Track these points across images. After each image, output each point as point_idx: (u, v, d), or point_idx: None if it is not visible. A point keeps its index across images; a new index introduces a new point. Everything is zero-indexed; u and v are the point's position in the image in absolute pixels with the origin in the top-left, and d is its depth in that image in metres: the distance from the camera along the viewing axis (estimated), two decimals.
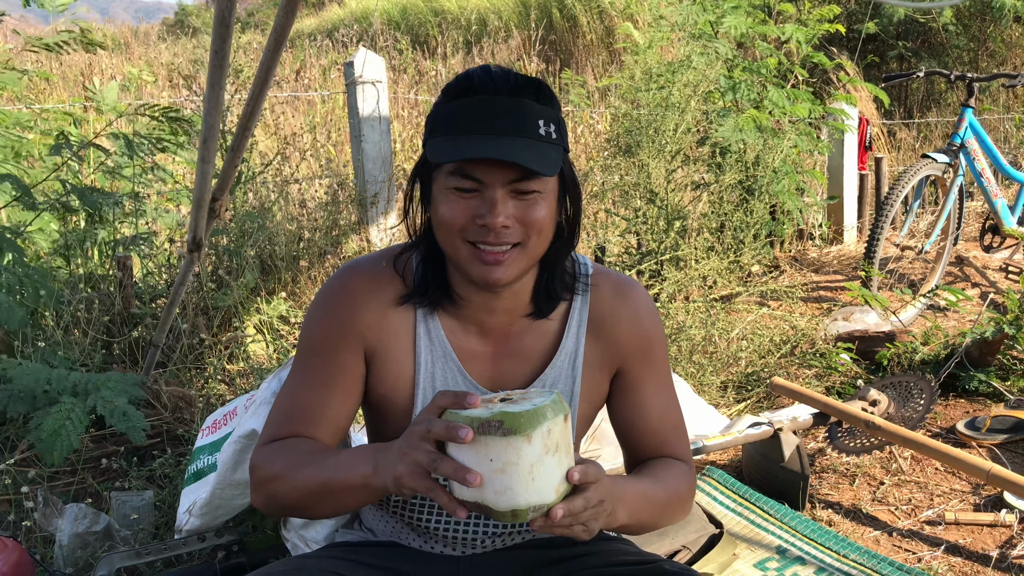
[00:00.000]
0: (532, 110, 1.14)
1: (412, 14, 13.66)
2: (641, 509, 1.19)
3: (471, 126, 1.13)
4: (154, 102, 4.31)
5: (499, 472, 0.96)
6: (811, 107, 4.50)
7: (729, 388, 3.02)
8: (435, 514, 1.30)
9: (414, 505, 1.30)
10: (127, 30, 15.10)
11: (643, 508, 1.19)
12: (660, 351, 1.34)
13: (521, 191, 1.14)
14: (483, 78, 1.15)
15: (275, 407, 1.28)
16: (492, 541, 1.32)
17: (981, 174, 3.99)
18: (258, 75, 1.87)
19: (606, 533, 1.38)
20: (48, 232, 3.30)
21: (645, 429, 1.32)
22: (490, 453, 0.96)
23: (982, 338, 2.92)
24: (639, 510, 1.18)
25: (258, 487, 1.23)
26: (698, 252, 3.94)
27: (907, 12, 8.40)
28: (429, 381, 1.27)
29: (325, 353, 1.25)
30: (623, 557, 1.28)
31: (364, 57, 3.72)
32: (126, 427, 2.31)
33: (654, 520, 1.24)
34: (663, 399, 1.34)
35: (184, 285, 2.62)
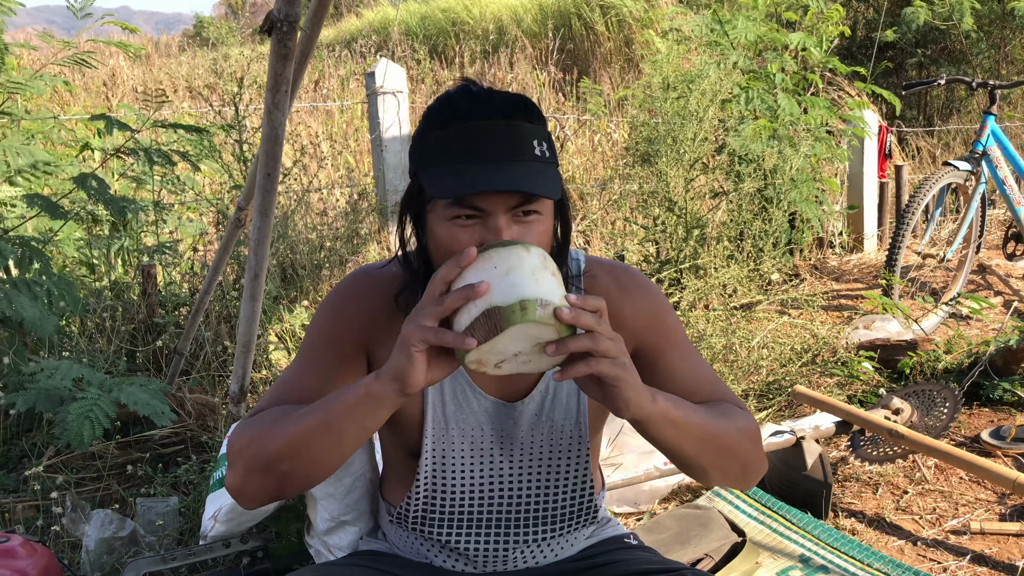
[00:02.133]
0: (526, 131, 1.12)
1: (430, 24, 13.74)
2: (688, 410, 1.12)
3: (468, 155, 1.10)
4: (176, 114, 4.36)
5: (504, 275, 0.99)
6: (826, 115, 4.48)
7: (750, 397, 3.01)
8: (456, 527, 1.30)
9: (435, 519, 1.30)
10: (148, 41, 15.27)
11: (690, 411, 1.12)
12: (671, 319, 1.30)
13: (523, 212, 1.12)
14: (470, 102, 1.13)
15: (270, 390, 1.26)
16: (514, 554, 1.31)
17: (1004, 182, 3.96)
18: (296, 61, 1.89)
19: (628, 542, 1.38)
20: (72, 241, 3.34)
21: (684, 394, 1.20)
22: (493, 262, 1.01)
23: (1006, 347, 2.90)
24: (685, 408, 1.12)
25: (234, 460, 1.15)
26: (717, 260, 3.93)
27: (927, 19, 8.36)
28: (438, 394, 1.26)
29: (328, 342, 1.25)
30: (646, 566, 1.28)
31: (385, 67, 3.75)
32: (149, 411, 2.33)
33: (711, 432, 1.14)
34: (689, 361, 1.29)
35: (208, 294, 2.64)
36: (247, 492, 1.17)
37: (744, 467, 1.21)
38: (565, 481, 1.30)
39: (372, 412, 1.07)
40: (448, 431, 1.28)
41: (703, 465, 1.17)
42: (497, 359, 1.02)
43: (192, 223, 3.60)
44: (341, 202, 4.24)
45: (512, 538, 1.30)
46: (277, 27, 1.69)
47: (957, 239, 3.90)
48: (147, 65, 11.82)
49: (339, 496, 1.72)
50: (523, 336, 0.99)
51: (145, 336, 3.19)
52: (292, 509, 2.05)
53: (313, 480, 1.15)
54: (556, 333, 0.98)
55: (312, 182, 4.14)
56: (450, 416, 1.27)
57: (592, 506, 1.34)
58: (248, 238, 2.02)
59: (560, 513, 1.31)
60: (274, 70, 1.77)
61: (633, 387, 1.02)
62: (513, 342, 1.00)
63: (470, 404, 1.27)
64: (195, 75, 10.41)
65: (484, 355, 1.00)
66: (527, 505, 1.30)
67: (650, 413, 1.06)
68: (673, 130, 3.97)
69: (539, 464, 1.29)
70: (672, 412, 1.09)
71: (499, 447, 1.29)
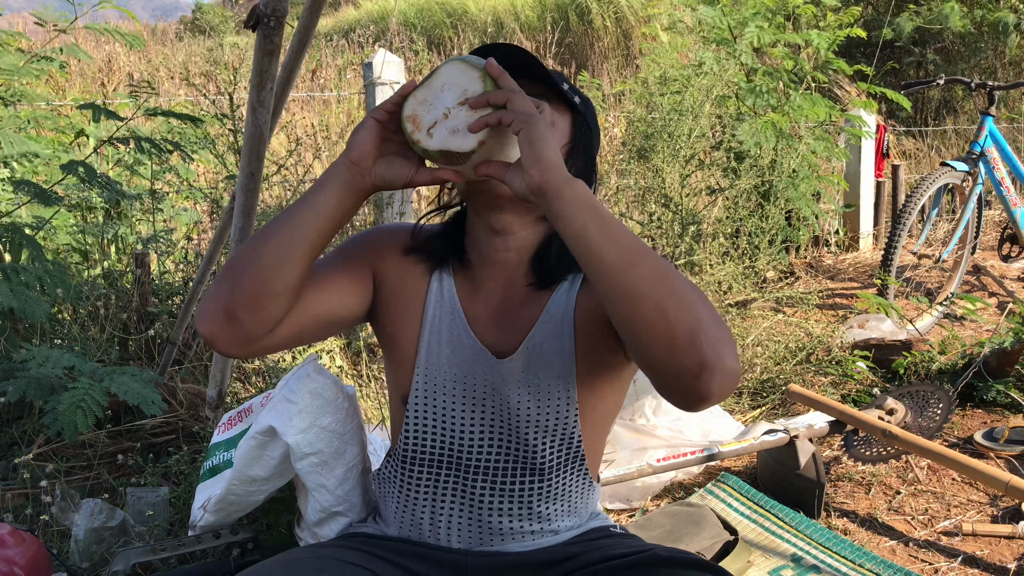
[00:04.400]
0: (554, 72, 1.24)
1: (428, 15, 13.69)
2: (611, 221, 1.02)
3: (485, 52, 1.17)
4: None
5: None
6: (830, 112, 4.48)
7: (744, 394, 3.01)
8: (442, 472, 1.31)
9: (424, 459, 1.32)
10: (144, 28, 15.18)
11: (615, 224, 1.02)
12: None
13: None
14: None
15: None
16: (499, 508, 1.29)
17: (1000, 183, 3.96)
18: (280, 76, 1.87)
19: (613, 531, 1.37)
20: (66, 228, 3.32)
21: None
22: None
23: (1001, 348, 2.90)
24: (608, 218, 1.02)
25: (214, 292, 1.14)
26: (713, 257, 3.93)
27: (925, 19, 8.37)
28: (435, 334, 1.30)
29: (342, 252, 1.31)
30: (622, 549, 1.27)
31: (383, 58, 3.73)
32: (139, 401, 2.32)
33: (643, 250, 1.00)
34: None
35: (203, 283, 2.63)
36: (202, 314, 1.13)
37: (695, 324, 0.96)
38: (553, 435, 1.28)
39: (324, 186, 1.12)
40: (441, 372, 1.30)
41: (634, 286, 0.98)
42: (430, 117, 1.08)
43: (186, 212, 3.57)
44: None
45: (498, 487, 1.29)
46: (263, 22, 1.63)
47: (953, 240, 3.90)
48: (143, 52, 11.76)
49: (331, 487, 1.71)
50: (454, 83, 1.07)
51: (138, 325, 3.17)
52: (283, 501, 2.04)
53: (258, 287, 1.11)
54: (482, 88, 1.06)
55: (307, 173, 4.11)
56: (444, 358, 1.30)
57: (580, 461, 1.32)
58: None
59: (548, 465, 1.29)
60: (259, 66, 1.71)
61: (543, 143, 1.02)
62: (446, 89, 1.08)
63: (464, 349, 1.29)
64: (191, 62, 10.35)
65: (419, 107, 1.08)
66: (513, 454, 1.29)
67: (561, 183, 1.02)
68: (669, 125, 3.97)
69: (526, 418, 1.28)
70: (592, 200, 1.03)
71: (490, 397, 1.29)
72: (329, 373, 1.75)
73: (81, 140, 3.76)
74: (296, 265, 1.12)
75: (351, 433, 1.74)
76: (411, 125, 1.09)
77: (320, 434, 1.70)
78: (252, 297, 1.11)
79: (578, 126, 1.28)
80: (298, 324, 1.20)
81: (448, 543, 1.32)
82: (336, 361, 3.01)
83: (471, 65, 1.08)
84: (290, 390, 1.73)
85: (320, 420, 1.69)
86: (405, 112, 1.09)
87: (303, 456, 1.69)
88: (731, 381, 0.97)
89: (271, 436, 1.75)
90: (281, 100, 1.91)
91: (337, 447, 1.71)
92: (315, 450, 1.70)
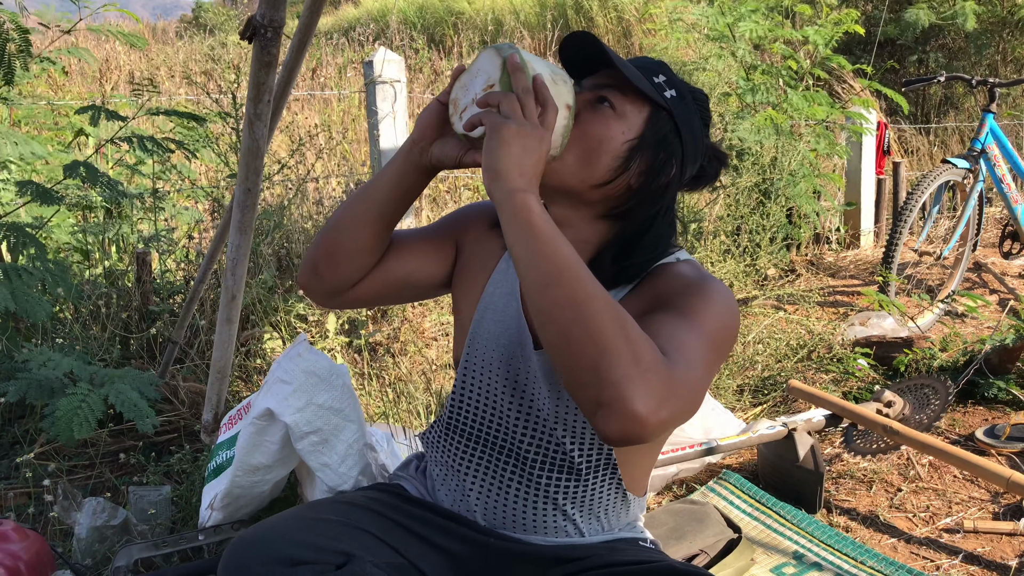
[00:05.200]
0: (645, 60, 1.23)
1: (428, 13, 13.68)
2: (561, 245, 0.99)
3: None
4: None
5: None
6: (829, 110, 4.48)
7: (745, 392, 3.01)
8: (477, 445, 1.29)
9: (463, 425, 1.31)
10: (145, 27, 15.18)
11: (563, 247, 0.99)
12: (697, 300, 1.13)
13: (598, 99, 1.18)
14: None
15: None
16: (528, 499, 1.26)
17: (1002, 180, 3.96)
18: (281, 75, 1.87)
19: (642, 544, 1.32)
20: (66, 227, 3.32)
21: None
22: None
23: (1002, 345, 2.90)
24: (559, 240, 1.00)
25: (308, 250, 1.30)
26: (714, 255, 3.93)
27: (929, 20, 8.37)
28: (489, 310, 1.30)
29: (432, 225, 1.39)
30: (638, 556, 1.26)
31: (383, 56, 3.73)
32: (134, 415, 2.33)
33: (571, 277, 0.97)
34: (671, 323, 1.08)
35: (203, 283, 2.63)
36: (301, 267, 1.31)
37: (598, 359, 0.92)
38: (582, 438, 1.23)
39: (392, 162, 1.22)
40: (489, 348, 1.29)
41: (546, 310, 0.97)
42: (464, 101, 1.12)
43: (187, 211, 3.58)
44: (338, 192, 4.22)
45: (526, 477, 1.25)
46: (260, 33, 1.60)
47: (954, 237, 3.90)
48: (144, 51, 11.76)
49: (334, 465, 1.72)
50: (484, 71, 1.11)
51: (140, 324, 3.17)
52: (286, 501, 2.04)
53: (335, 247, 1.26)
54: (499, 78, 1.09)
55: (309, 172, 4.12)
56: (491, 335, 1.29)
57: (612, 469, 1.26)
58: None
59: (579, 467, 1.24)
60: (256, 78, 1.67)
61: (500, 151, 1.03)
62: (479, 75, 1.11)
63: (510, 331, 1.26)
64: (192, 61, 10.35)
65: (459, 90, 1.13)
66: (544, 448, 1.24)
67: (503, 195, 1.02)
68: None
69: (554, 415, 1.23)
70: (532, 217, 1.00)
71: (531, 386, 1.24)
72: (320, 352, 1.75)
73: (81, 139, 3.76)
74: (365, 229, 1.24)
75: (348, 410, 1.74)
76: (452, 107, 1.15)
77: (318, 412, 1.70)
78: (329, 254, 1.26)
79: (657, 122, 1.19)
80: (378, 283, 1.31)
81: (474, 518, 1.30)
82: (338, 360, 3.01)
83: (500, 54, 1.10)
84: (284, 371, 1.73)
85: (316, 398, 1.69)
86: (451, 95, 1.15)
87: (303, 436, 1.69)
88: (633, 426, 0.92)
89: (269, 419, 1.75)
90: (282, 100, 1.91)
91: (336, 424, 1.72)
92: (314, 428, 1.70)
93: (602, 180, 1.17)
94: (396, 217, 1.25)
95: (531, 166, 1.04)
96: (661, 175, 1.20)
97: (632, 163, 1.17)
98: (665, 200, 1.23)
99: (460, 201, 5.02)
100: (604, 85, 1.19)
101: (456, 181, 5.21)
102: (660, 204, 1.22)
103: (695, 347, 1.05)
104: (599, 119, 1.16)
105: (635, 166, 1.18)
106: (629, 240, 1.22)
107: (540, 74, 1.10)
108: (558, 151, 1.13)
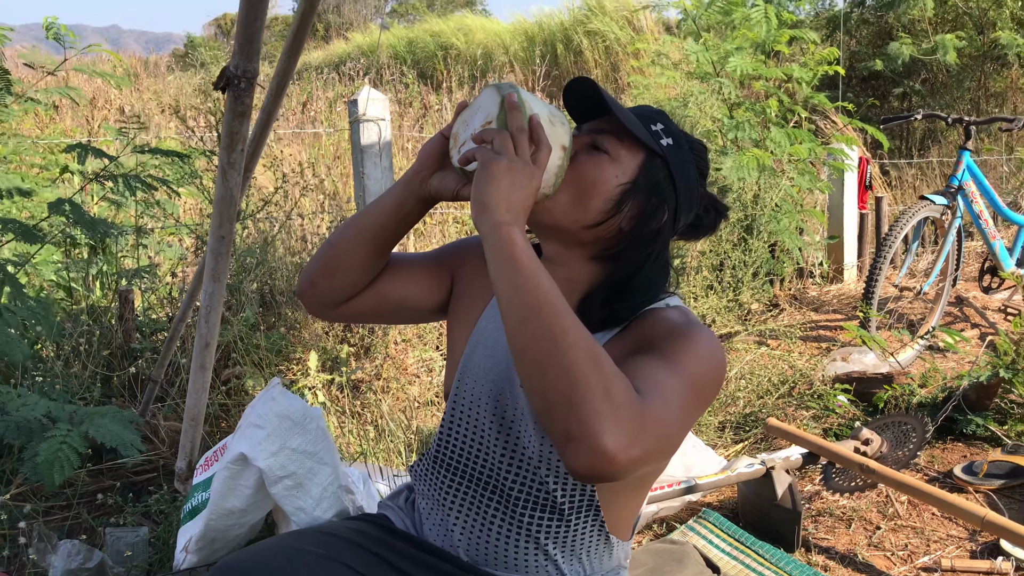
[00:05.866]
0: (644, 109, 1.25)
1: (419, 48, 13.83)
2: (543, 279, 1.01)
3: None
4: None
5: None
6: (812, 147, 4.54)
7: (727, 428, 3.02)
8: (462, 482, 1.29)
9: (449, 463, 1.31)
10: (137, 61, 15.28)
11: (544, 280, 1.01)
12: (681, 343, 1.13)
13: (595, 144, 1.20)
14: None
15: None
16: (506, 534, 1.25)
17: (979, 216, 4.01)
18: (259, 119, 1.89)
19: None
20: (51, 264, 3.33)
21: None
22: None
23: (978, 382, 2.92)
24: (540, 273, 1.01)
25: (308, 262, 1.34)
26: (697, 290, 3.95)
27: (912, 54, 8.52)
28: (480, 344, 1.31)
29: (432, 251, 1.42)
30: None
31: (367, 95, 3.76)
32: (118, 443, 2.31)
33: (549, 311, 0.98)
34: (651, 366, 1.08)
35: (184, 321, 2.63)
36: (299, 278, 1.36)
37: (570, 393, 0.94)
38: (565, 478, 1.22)
39: (392, 189, 1.25)
40: (478, 382, 1.29)
41: (523, 342, 0.99)
42: (464, 136, 1.15)
43: (171, 247, 3.59)
44: (323, 228, 4.24)
45: (509, 515, 1.25)
46: (234, 84, 1.62)
47: (934, 272, 3.94)
48: (135, 84, 11.82)
49: (309, 509, 1.72)
50: (484, 107, 1.14)
51: (122, 361, 3.17)
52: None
53: (332, 262, 1.30)
54: (496, 115, 1.11)
55: (294, 207, 4.14)
56: (480, 369, 1.29)
57: (595, 511, 1.25)
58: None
59: (561, 507, 1.24)
60: (230, 128, 1.68)
61: (489, 185, 1.05)
62: (479, 112, 1.14)
63: (499, 366, 1.26)
64: (182, 95, 10.41)
65: (460, 125, 1.17)
66: (528, 487, 1.24)
67: (488, 227, 1.05)
68: None
69: (539, 453, 1.22)
70: (514, 251, 1.02)
71: (519, 423, 1.24)
72: (294, 396, 1.76)
73: (66, 176, 3.78)
74: (361, 249, 1.28)
75: (323, 452, 1.74)
76: (452, 141, 1.18)
77: (291, 456, 1.70)
78: (326, 269, 1.31)
79: (651, 168, 1.21)
80: (371, 301, 1.35)
81: (458, 554, 1.29)
82: (319, 397, 3.01)
83: (500, 93, 1.13)
84: (257, 415, 1.73)
85: (290, 442, 1.69)
86: (453, 129, 1.19)
87: (277, 480, 1.70)
88: (602, 462, 0.92)
89: (243, 464, 1.75)
90: (259, 146, 1.93)
91: (310, 468, 1.72)
92: (288, 472, 1.70)
93: (594, 221, 1.19)
94: (393, 241, 1.29)
95: (519, 201, 1.07)
96: (653, 220, 1.21)
97: (624, 206, 1.19)
98: (656, 245, 1.24)
99: (448, 235, 5.05)
100: (601, 130, 1.22)
101: (447, 215, 5.24)
102: (651, 248, 1.23)
103: (672, 388, 1.05)
104: (594, 161, 1.19)
105: (627, 209, 1.19)
106: (619, 283, 1.23)
107: (537, 114, 1.13)
108: (551, 190, 1.16)
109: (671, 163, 1.22)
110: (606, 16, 11.26)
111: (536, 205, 1.15)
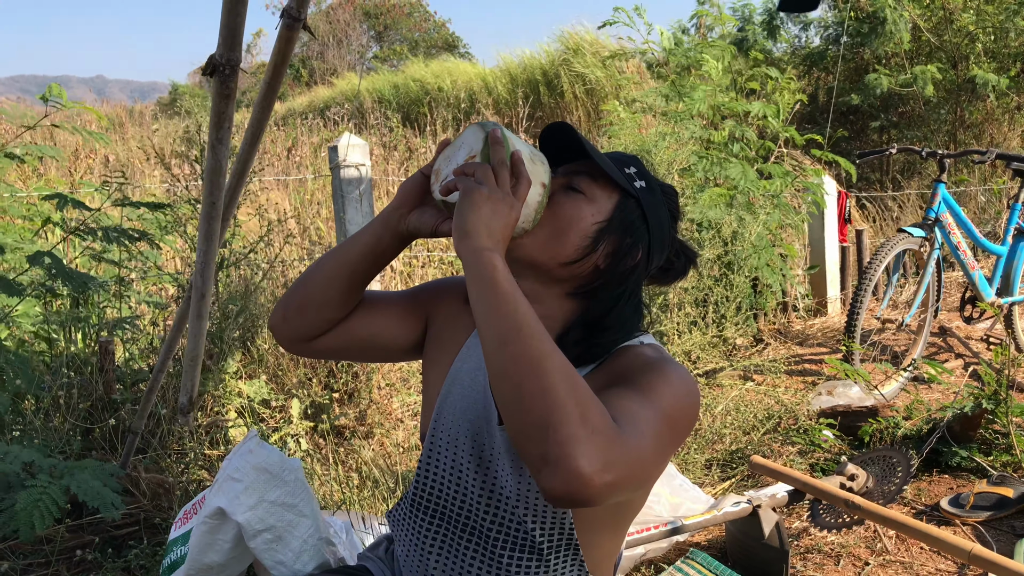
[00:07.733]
0: (619, 155, 1.28)
1: (403, 92, 13.96)
2: (520, 304, 1.02)
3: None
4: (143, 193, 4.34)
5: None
6: (782, 181, 4.58)
7: (714, 466, 3.00)
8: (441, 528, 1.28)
9: (428, 506, 1.31)
10: (122, 110, 15.37)
11: (522, 306, 1.02)
12: (655, 377, 1.14)
13: (571, 187, 1.23)
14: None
15: None
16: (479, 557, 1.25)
17: (957, 247, 4.05)
18: (235, 168, 1.92)
19: None
20: (32, 316, 3.31)
21: None
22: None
23: (962, 413, 2.93)
24: (519, 298, 1.03)
25: (282, 296, 1.34)
26: (680, 327, 3.96)
27: (889, 85, 8.66)
28: (456, 384, 1.30)
29: (407, 290, 1.43)
30: None
31: (347, 141, 3.79)
32: (99, 503, 2.28)
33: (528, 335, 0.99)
34: (627, 397, 1.08)
35: (163, 372, 2.62)
36: (272, 312, 1.36)
37: (548, 416, 0.94)
38: (543, 517, 1.22)
39: (370, 225, 1.27)
40: (455, 423, 1.29)
41: (501, 365, 0.99)
42: (446, 172, 1.18)
43: (152, 298, 3.58)
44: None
45: (488, 557, 1.24)
46: (219, 70, 1.82)
47: (915, 304, 3.97)
48: (120, 133, 11.88)
49: (289, 562, 1.69)
50: (468, 143, 1.17)
51: (102, 413, 3.14)
52: None
53: (304, 297, 1.31)
54: (480, 150, 1.15)
55: (278, 255, 4.14)
56: (457, 410, 1.29)
57: (574, 550, 1.25)
58: None
59: (540, 547, 1.23)
60: (217, 108, 1.91)
61: (470, 213, 1.08)
62: (462, 148, 1.18)
63: (476, 406, 1.27)
64: (167, 143, 10.45)
65: (442, 161, 1.19)
66: (507, 527, 1.23)
67: (469, 253, 1.07)
68: None
69: (516, 492, 1.22)
70: (494, 275, 1.04)
71: (495, 462, 1.23)
72: (272, 447, 1.74)
73: (47, 228, 3.77)
74: (334, 284, 1.29)
75: (302, 504, 1.72)
76: (434, 177, 1.20)
77: (270, 509, 1.69)
78: (299, 303, 1.31)
79: (625, 208, 1.25)
80: (343, 338, 1.34)
81: None
82: (302, 445, 2.99)
83: (483, 130, 1.17)
84: (234, 468, 1.71)
85: (268, 495, 1.68)
86: (435, 166, 1.21)
87: (256, 534, 1.67)
88: (577, 486, 0.92)
89: (221, 518, 1.73)
90: (235, 194, 1.96)
91: (289, 520, 1.70)
92: (267, 526, 1.68)
93: (571, 258, 1.22)
94: (367, 278, 1.29)
95: (499, 229, 1.09)
96: (628, 258, 1.25)
97: (600, 244, 1.22)
98: (630, 283, 1.27)
99: (427, 273, 5.06)
100: (577, 171, 1.26)
101: (433, 257, 5.25)
102: (626, 286, 1.26)
103: (647, 419, 1.06)
104: (571, 201, 1.22)
105: (603, 247, 1.23)
106: (595, 319, 1.25)
107: (519, 151, 1.17)
108: (530, 225, 1.19)
109: (644, 204, 1.26)
110: (582, 57, 11.42)
111: (514, 241, 1.17)
